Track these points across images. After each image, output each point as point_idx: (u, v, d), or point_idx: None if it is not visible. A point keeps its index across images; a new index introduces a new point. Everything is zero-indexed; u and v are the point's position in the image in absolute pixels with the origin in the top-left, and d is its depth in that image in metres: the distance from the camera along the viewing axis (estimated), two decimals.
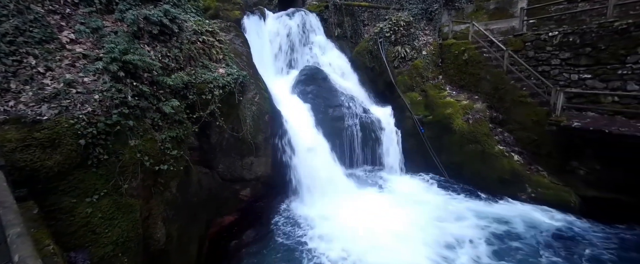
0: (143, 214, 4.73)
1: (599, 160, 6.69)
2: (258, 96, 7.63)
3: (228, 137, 6.65)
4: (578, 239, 6.25)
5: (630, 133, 5.78)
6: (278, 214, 7.74)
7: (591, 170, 6.85)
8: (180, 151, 5.08)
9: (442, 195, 8.57)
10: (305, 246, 6.40)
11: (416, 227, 6.86)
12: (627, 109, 6.57)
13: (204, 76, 5.64)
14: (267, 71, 10.76)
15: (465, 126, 8.91)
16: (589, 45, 7.06)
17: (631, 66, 6.54)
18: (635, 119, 6.43)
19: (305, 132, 9.02)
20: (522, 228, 6.69)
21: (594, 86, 7.08)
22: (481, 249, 6.13)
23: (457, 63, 10.11)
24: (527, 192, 7.58)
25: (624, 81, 6.66)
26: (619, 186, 6.51)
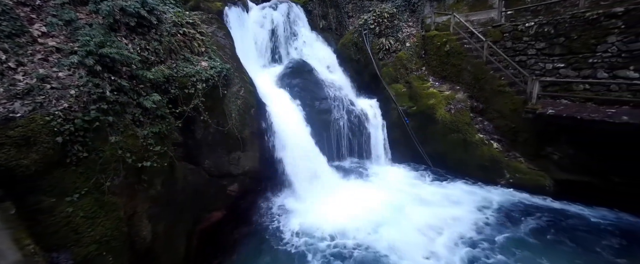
0: (127, 213, 4.64)
1: (572, 145, 7.07)
2: (243, 90, 7.53)
3: (213, 132, 6.55)
4: (549, 218, 6.66)
5: (600, 118, 6.13)
6: (267, 209, 7.77)
7: (564, 155, 7.24)
8: (163, 147, 4.98)
9: (427, 183, 8.85)
10: (293, 238, 6.47)
11: (400, 213, 7.08)
12: (597, 96, 6.94)
13: (186, 70, 5.51)
14: (252, 63, 10.59)
15: (448, 115, 9.17)
16: (563, 35, 7.37)
17: (601, 54, 6.89)
18: (605, 105, 6.81)
19: (293, 125, 9.01)
20: (500, 211, 7.05)
21: (567, 74, 7.43)
22: (461, 229, 6.45)
23: (440, 54, 10.31)
24: (506, 178, 7.95)
25: (594, 69, 7.01)
26: (590, 170, 6.93)
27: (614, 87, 6.83)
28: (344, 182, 8.93)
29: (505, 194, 7.68)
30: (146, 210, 4.97)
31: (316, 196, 8.02)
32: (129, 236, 4.63)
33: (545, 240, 6.03)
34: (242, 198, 7.65)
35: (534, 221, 6.62)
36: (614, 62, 6.75)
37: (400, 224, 6.66)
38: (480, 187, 8.16)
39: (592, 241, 5.85)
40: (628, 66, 6.61)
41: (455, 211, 7.14)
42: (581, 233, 6.13)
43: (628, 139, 6.09)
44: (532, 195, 7.46)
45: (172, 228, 5.45)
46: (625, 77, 6.65)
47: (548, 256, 5.53)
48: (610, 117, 6.09)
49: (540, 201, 7.27)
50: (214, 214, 7.03)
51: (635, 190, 6.41)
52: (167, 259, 5.28)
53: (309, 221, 7.00)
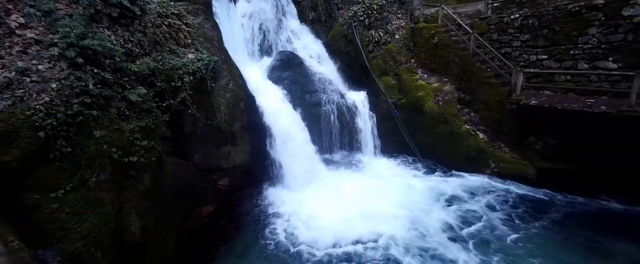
0: (115, 208, 4.59)
1: (553, 135, 7.33)
2: (232, 83, 7.44)
3: (202, 126, 6.48)
4: (530, 205, 6.95)
5: (580, 108, 6.36)
6: (258, 202, 7.79)
7: (546, 144, 7.51)
8: (151, 142, 4.91)
9: (415, 174, 9.03)
10: (284, 231, 6.50)
11: (390, 203, 7.22)
12: (578, 86, 7.19)
13: (172, 62, 5.40)
14: (240, 56, 10.44)
15: (436, 107, 9.32)
16: (546, 27, 7.55)
17: (582, 46, 7.11)
18: (585, 96, 7.07)
19: (283, 119, 8.98)
20: (484, 198, 7.31)
21: (550, 66, 7.64)
22: (447, 216, 6.67)
23: (428, 46, 10.40)
24: (491, 167, 8.20)
25: (575, 60, 7.24)
26: (570, 158, 7.22)
27: (594, 78, 7.08)
28: (336, 175, 9.01)
29: (490, 183, 7.92)
30: (135, 205, 4.93)
31: (307, 189, 8.09)
32: (118, 231, 4.59)
33: (526, 226, 6.27)
34: (233, 192, 7.65)
35: (516, 208, 6.87)
36: (594, 53, 6.98)
37: (390, 215, 6.80)
38: (466, 177, 8.38)
39: (569, 225, 6.13)
40: (607, 57, 6.85)
41: (442, 202, 7.33)
42: (559, 218, 6.41)
43: (606, 128, 6.36)
44: (516, 183, 7.72)
45: (162, 223, 5.42)
46: (604, 68, 6.90)
47: (529, 241, 5.78)
48: (590, 107, 6.33)
49: (523, 189, 7.54)
50: (204, 209, 7.01)
51: (611, 177, 6.72)
52: (157, 253, 5.27)
53: (300, 213, 7.05)
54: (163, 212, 5.48)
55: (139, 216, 4.97)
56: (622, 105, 6.04)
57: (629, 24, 6.61)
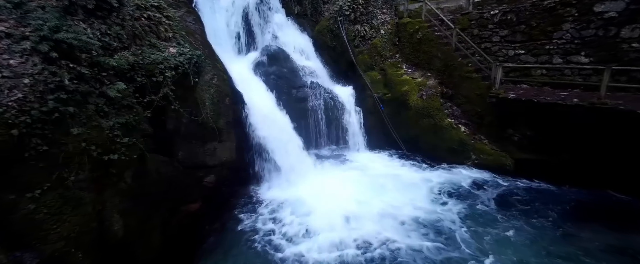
0: (96, 207, 4.48)
1: (530, 126, 7.66)
2: (216, 78, 7.31)
3: (186, 122, 6.36)
4: (508, 193, 7.29)
5: (553, 101, 6.68)
6: (245, 199, 7.75)
7: (523, 136, 7.84)
8: (132, 139, 4.79)
9: (401, 167, 9.22)
10: (271, 228, 6.48)
11: (376, 196, 7.37)
12: (552, 80, 7.52)
13: (153, 56, 5.24)
14: (225, 50, 10.27)
15: (420, 102, 9.52)
16: (524, 23, 7.83)
17: (556, 41, 7.43)
18: (559, 89, 7.42)
19: (270, 114, 8.94)
20: (466, 187, 7.61)
21: (527, 60, 7.95)
22: (431, 206, 6.91)
23: (412, 41, 10.56)
24: (472, 159, 8.50)
25: (550, 55, 7.56)
26: (544, 149, 7.58)
27: (567, 71, 7.43)
28: (323, 170, 9.04)
29: (471, 174, 8.22)
30: (117, 204, 4.82)
31: (295, 186, 8.08)
32: (100, 231, 4.49)
33: (502, 212, 6.58)
34: (219, 189, 7.57)
35: (493, 196, 7.20)
36: (568, 48, 7.32)
37: (376, 207, 6.95)
38: (449, 169, 8.64)
39: (542, 212, 6.47)
40: (580, 52, 7.20)
41: (426, 192, 7.56)
42: (533, 205, 6.74)
43: (578, 119, 6.71)
44: (495, 174, 8.05)
45: (146, 222, 5.33)
46: (577, 62, 7.25)
47: (503, 226, 6.08)
48: (563, 100, 6.66)
49: (501, 179, 7.87)
50: (190, 206, 6.92)
51: (582, 166, 7.11)
52: (141, 252, 5.19)
53: (287, 209, 7.08)
54: (147, 210, 5.39)
55: (122, 215, 4.87)
56: (593, 97, 6.40)
57: (600, 20, 6.96)
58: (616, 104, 6.07)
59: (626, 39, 6.71)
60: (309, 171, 8.84)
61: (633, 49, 6.65)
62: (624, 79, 6.74)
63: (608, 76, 6.16)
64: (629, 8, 6.61)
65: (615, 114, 6.02)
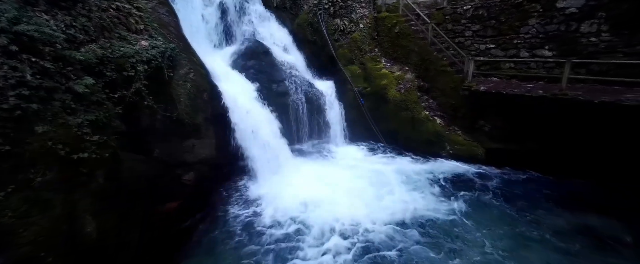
0: (66, 209, 4.27)
1: (499, 117, 8.10)
2: (193, 72, 7.10)
3: (162, 118, 6.14)
4: (478, 180, 7.74)
5: (520, 93, 7.09)
6: (227, 196, 7.67)
7: (494, 126, 8.29)
8: (103, 137, 4.59)
9: (380, 159, 9.47)
10: (253, 224, 6.46)
11: (356, 187, 7.55)
12: (520, 73, 7.96)
13: (123, 50, 5.01)
14: (201, 44, 9.95)
15: (398, 95, 9.77)
16: (494, 18, 8.20)
17: (523, 35, 7.85)
18: (526, 81, 7.88)
19: (250, 109, 8.82)
20: (440, 176, 7.98)
21: (497, 54, 8.36)
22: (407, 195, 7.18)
23: (390, 36, 10.74)
24: (447, 150, 8.88)
25: (518, 49, 7.99)
26: (513, 138, 8.05)
27: (533, 65, 7.89)
28: (305, 165, 9.09)
29: (446, 164, 8.60)
30: (89, 206, 4.62)
31: (278, 181, 8.07)
32: (71, 233, 4.30)
33: (472, 198, 6.99)
34: (200, 187, 7.42)
35: (465, 183, 7.62)
36: (533, 42, 7.76)
37: (357, 198, 7.12)
38: (426, 159, 8.99)
39: (510, 197, 6.92)
40: (544, 46, 7.65)
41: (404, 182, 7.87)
42: (500, 190, 7.20)
43: (542, 110, 7.17)
44: (468, 163, 8.48)
45: (122, 222, 5.16)
46: (541, 56, 7.71)
47: (474, 211, 6.48)
48: (529, 91, 7.09)
49: (473, 168, 8.31)
50: (168, 205, 6.74)
51: (547, 154, 7.64)
52: (119, 254, 5.03)
53: (270, 206, 7.05)
54: (122, 211, 5.21)
55: (95, 216, 4.68)
56: (556, 89, 6.85)
57: (562, 15, 7.42)
58: (576, 95, 6.54)
59: (585, 33, 7.21)
60: (292, 166, 8.87)
61: (591, 43, 7.17)
62: (583, 71, 7.26)
63: (568, 69, 6.62)
64: (588, 4, 7.09)
65: (575, 104, 6.50)
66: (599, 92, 6.50)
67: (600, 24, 6.98)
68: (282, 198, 7.27)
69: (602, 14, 6.94)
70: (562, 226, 5.88)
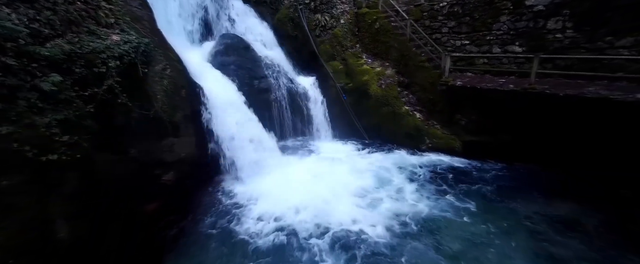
0: (37, 214, 4.07)
1: (474, 111, 8.46)
2: (170, 69, 6.87)
3: (137, 117, 5.91)
4: (455, 170, 8.11)
5: (493, 87, 7.43)
6: (209, 195, 7.53)
7: (469, 120, 8.64)
8: (74, 137, 4.38)
9: (363, 154, 9.62)
10: (237, 223, 6.38)
11: (341, 184, 7.65)
12: (493, 68, 8.33)
13: (93, 45, 4.77)
14: (177, 39, 9.62)
15: (380, 91, 9.94)
16: (468, 15, 8.51)
17: (495, 32, 8.21)
18: (499, 76, 8.25)
19: (231, 106, 8.67)
20: (419, 169, 8.27)
21: (471, 50, 8.69)
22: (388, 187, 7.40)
23: (371, 32, 10.88)
24: (426, 143, 9.18)
25: (490, 45, 8.34)
26: (487, 131, 8.44)
27: (505, 60, 8.27)
28: (289, 162, 9.06)
29: (426, 157, 8.90)
30: (62, 209, 4.42)
31: (261, 179, 8.01)
32: (43, 239, 4.11)
33: (450, 189, 7.31)
34: (181, 187, 7.23)
35: (443, 175, 7.94)
36: (505, 38, 8.13)
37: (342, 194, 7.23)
38: (407, 153, 9.24)
39: (484, 187, 7.28)
40: (514, 42, 8.04)
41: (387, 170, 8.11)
42: (476, 182, 7.55)
43: (513, 103, 7.55)
44: (446, 155, 8.82)
45: (99, 226, 4.96)
46: (512, 52, 8.10)
47: (453, 200, 6.79)
48: (501, 86, 7.44)
49: (451, 160, 8.66)
50: (148, 207, 6.53)
51: (518, 145, 8.06)
52: (96, 258, 4.85)
53: (255, 206, 6.98)
54: (98, 213, 5.01)
55: (68, 220, 4.48)
56: (525, 83, 7.24)
57: (530, 12, 7.81)
58: (543, 88, 6.95)
59: (551, 30, 7.65)
60: (276, 163, 8.82)
61: (557, 39, 7.61)
62: (550, 66, 7.71)
63: (537, 64, 7.00)
64: (554, 2, 7.51)
65: (543, 98, 6.90)
66: (564, 86, 6.94)
67: (564, 21, 7.42)
68: (267, 197, 7.21)
69: (566, 11, 7.37)
70: (533, 213, 6.26)
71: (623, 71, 6.80)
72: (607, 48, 7.01)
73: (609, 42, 6.97)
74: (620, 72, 6.80)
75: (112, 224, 5.34)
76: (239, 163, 8.20)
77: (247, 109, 9.09)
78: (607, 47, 7.01)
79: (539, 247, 5.34)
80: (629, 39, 6.73)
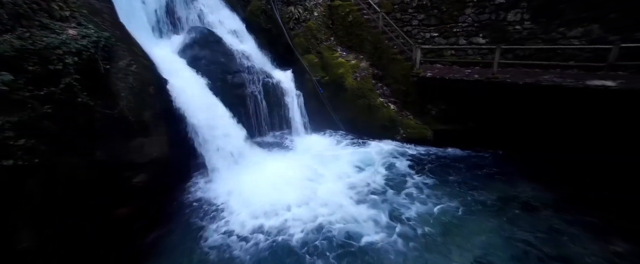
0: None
1: (443, 101, 8.84)
2: (135, 65, 6.51)
3: (101, 117, 5.57)
4: (427, 158, 8.53)
5: (460, 78, 7.80)
6: (184, 195, 7.33)
7: (439, 110, 9.03)
8: (30, 140, 4.09)
9: (340, 145, 9.79)
10: (213, 224, 6.28)
11: (318, 174, 7.77)
12: (460, 59, 8.73)
13: (47, 40, 4.42)
14: (143, 33, 9.10)
15: (355, 83, 10.08)
16: (436, 8, 8.80)
17: (461, 24, 8.57)
18: (465, 67, 8.66)
19: (204, 102, 8.40)
20: (394, 158, 8.58)
21: (440, 42, 9.03)
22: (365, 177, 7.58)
23: (344, 25, 10.93)
24: (400, 134, 9.49)
25: (457, 37, 8.72)
26: (455, 119, 8.88)
27: (470, 51, 8.68)
28: (267, 158, 8.98)
29: (400, 147, 9.22)
30: (22, 217, 4.13)
31: (238, 177, 7.89)
32: (4, 249, 3.83)
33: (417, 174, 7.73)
34: (153, 188, 6.94)
35: (417, 162, 8.34)
36: (470, 30, 8.52)
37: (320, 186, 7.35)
38: (383, 144, 9.51)
39: (454, 173, 7.73)
40: (478, 34, 8.45)
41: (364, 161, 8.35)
42: (447, 168, 7.99)
43: (479, 92, 7.99)
44: (418, 145, 9.19)
45: (66, 233, 4.70)
46: (476, 43, 8.51)
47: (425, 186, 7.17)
48: (467, 76, 7.83)
49: (423, 148, 9.06)
50: (118, 211, 6.23)
51: (484, 132, 8.55)
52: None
53: (231, 203, 6.91)
54: (64, 221, 4.74)
55: (31, 229, 4.21)
56: (489, 73, 7.67)
57: (492, 5, 8.22)
58: (505, 78, 7.40)
59: (511, 22, 8.12)
60: (253, 160, 8.71)
61: (516, 30, 8.10)
62: (511, 56, 8.20)
63: (498, 54, 7.43)
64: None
65: (505, 86, 7.36)
66: (523, 75, 7.43)
67: (523, 13, 7.91)
68: (244, 197, 7.12)
69: (524, 4, 7.85)
70: (498, 194, 6.74)
71: (574, 59, 7.41)
72: (560, 38, 7.57)
73: (562, 33, 7.54)
74: (572, 61, 7.40)
75: (81, 231, 5.07)
76: (214, 162, 8.02)
77: (220, 105, 8.86)
78: (560, 38, 7.57)
79: (500, 225, 5.78)
80: (579, 30, 7.31)
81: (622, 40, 6.56)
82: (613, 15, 6.79)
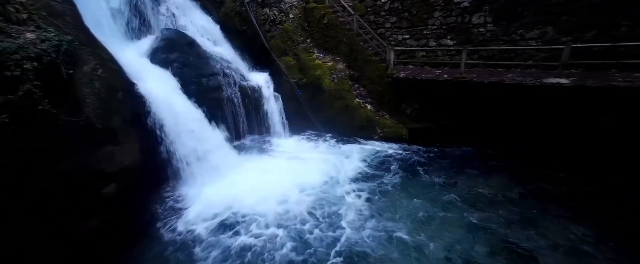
0: None
1: (417, 100, 9.21)
2: (101, 69, 6.20)
3: (65, 125, 5.26)
4: (403, 156, 8.80)
5: (431, 78, 8.16)
6: (159, 205, 7.00)
7: (413, 109, 9.39)
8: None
9: (319, 147, 9.87)
10: (190, 234, 6.09)
11: (300, 180, 7.78)
12: (431, 60, 9.12)
13: (3, 45, 4.13)
14: (109, 36, 8.67)
15: (332, 85, 10.22)
16: (407, 11, 9.16)
17: (431, 27, 8.98)
18: (435, 68, 9.07)
19: (177, 107, 8.14)
20: (372, 156, 8.82)
21: (412, 44, 9.40)
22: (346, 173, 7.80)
23: (320, 27, 11.06)
24: (377, 133, 9.76)
25: (427, 39, 9.11)
26: (428, 118, 9.27)
27: (440, 53, 9.11)
28: (246, 162, 8.84)
29: (378, 145, 9.48)
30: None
31: (216, 182, 7.71)
32: None
33: (397, 171, 7.98)
34: (124, 199, 6.62)
35: (393, 159, 8.60)
36: (438, 32, 8.94)
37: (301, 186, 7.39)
38: (361, 143, 9.74)
39: (427, 169, 8.05)
40: (446, 36, 8.88)
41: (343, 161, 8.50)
42: (421, 164, 8.31)
43: (449, 92, 8.40)
44: (395, 143, 9.49)
45: (33, 250, 4.40)
46: (445, 45, 8.95)
47: (401, 182, 7.42)
48: (437, 76, 8.21)
49: (399, 147, 9.36)
50: (87, 224, 5.90)
51: (456, 129, 9.01)
52: None
53: (209, 210, 6.73)
54: (29, 236, 4.44)
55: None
56: (457, 73, 8.08)
57: (458, 8, 8.68)
58: (472, 77, 7.84)
59: (476, 24, 8.62)
60: (232, 164, 8.54)
61: (480, 32, 8.61)
62: (476, 56, 8.70)
63: (465, 55, 7.86)
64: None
65: (472, 85, 7.80)
66: (488, 74, 7.92)
67: (485, 16, 8.42)
68: (222, 203, 6.96)
69: (486, 7, 8.37)
70: (468, 187, 7.12)
71: (532, 59, 8.00)
72: (519, 40, 8.15)
73: (521, 35, 8.12)
74: (531, 60, 7.98)
75: (47, 246, 4.76)
76: (190, 168, 7.78)
77: (195, 109, 8.62)
78: (519, 39, 8.15)
79: (469, 216, 6.12)
80: (536, 32, 7.91)
81: (573, 41, 7.18)
82: (564, 18, 7.41)
